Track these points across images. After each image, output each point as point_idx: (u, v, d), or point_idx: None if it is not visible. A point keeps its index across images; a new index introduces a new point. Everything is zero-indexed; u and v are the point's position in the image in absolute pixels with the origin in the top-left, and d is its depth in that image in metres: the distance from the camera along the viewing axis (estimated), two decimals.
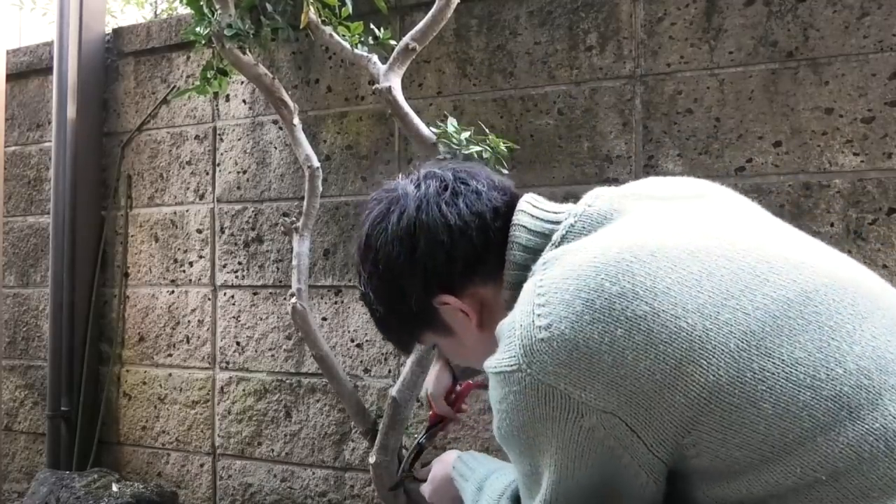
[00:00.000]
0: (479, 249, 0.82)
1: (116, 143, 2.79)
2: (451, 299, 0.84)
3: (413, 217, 0.83)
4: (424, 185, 0.86)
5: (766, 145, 1.85)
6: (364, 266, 0.89)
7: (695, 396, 0.63)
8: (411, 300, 0.85)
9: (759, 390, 0.63)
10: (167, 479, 2.62)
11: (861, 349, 0.64)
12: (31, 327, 2.94)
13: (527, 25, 2.11)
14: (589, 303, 0.66)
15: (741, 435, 0.63)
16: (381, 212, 0.87)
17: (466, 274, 0.83)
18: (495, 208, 0.83)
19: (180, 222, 2.64)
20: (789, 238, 0.77)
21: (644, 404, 0.64)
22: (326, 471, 2.34)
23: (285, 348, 2.42)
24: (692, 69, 1.92)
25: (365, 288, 0.90)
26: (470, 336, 0.87)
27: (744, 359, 0.63)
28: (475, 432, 2.12)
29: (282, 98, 2.04)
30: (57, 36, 2.73)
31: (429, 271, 0.82)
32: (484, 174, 0.87)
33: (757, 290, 0.67)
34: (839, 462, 0.61)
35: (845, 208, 1.76)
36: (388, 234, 0.84)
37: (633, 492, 0.68)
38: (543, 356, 0.66)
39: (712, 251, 0.69)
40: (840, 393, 0.63)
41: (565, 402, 0.65)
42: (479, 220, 0.82)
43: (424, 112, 2.18)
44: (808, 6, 1.82)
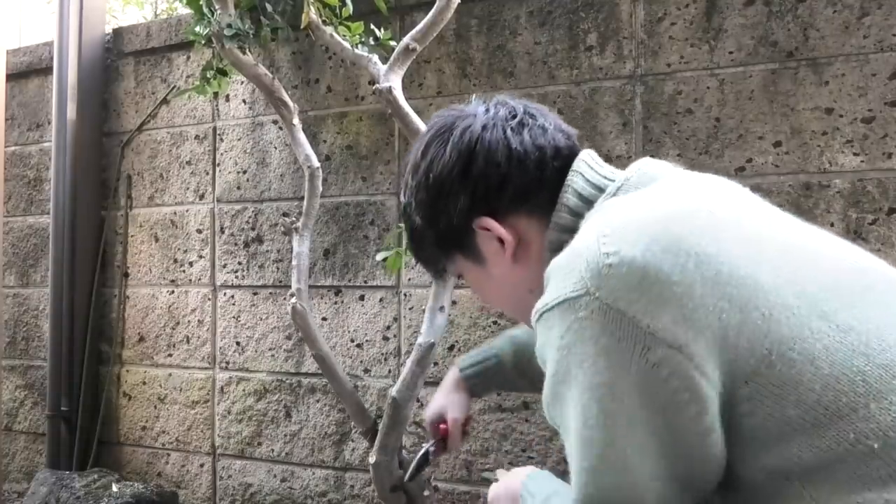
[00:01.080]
0: (533, 182, 0.82)
1: (116, 143, 2.79)
2: (492, 224, 0.82)
3: (477, 134, 0.82)
4: (494, 110, 0.85)
5: (766, 145, 1.85)
6: (414, 174, 0.87)
7: (758, 344, 0.62)
8: (453, 217, 0.83)
9: (817, 349, 0.62)
10: (167, 479, 2.62)
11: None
12: (31, 327, 2.94)
13: (527, 25, 2.11)
14: (658, 236, 0.65)
15: (797, 392, 0.62)
16: (446, 124, 0.86)
17: (514, 203, 0.82)
18: (557, 147, 0.83)
19: (180, 222, 2.64)
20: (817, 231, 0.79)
21: (709, 344, 0.62)
22: (326, 471, 2.34)
23: (285, 348, 2.42)
24: (692, 69, 1.92)
25: (409, 198, 0.88)
26: (500, 268, 0.85)
27: (802, 315, 0.63)
28: (475, 432, 2.12)
29: (282, 98, 2.04)
30: (57, 36, 2.73)
31: (479, 191, 0.82)
32: (552, 116, 0.87)
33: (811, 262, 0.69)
34: (891, 431, 0.60)
35: (845, 208, 1.76)
36: (448, 146, 0.83)
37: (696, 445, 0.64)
38: (613, 280, 0.64)
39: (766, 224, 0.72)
40: (892, 362, 0.63)
41: (633, 331, 0.62)
42: (539, 153, 0.82)
43: (424, 112, 2.18)
44: (808, 6, 1.82)
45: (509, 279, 0.85)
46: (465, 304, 2.14)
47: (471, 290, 0.94)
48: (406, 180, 0.89)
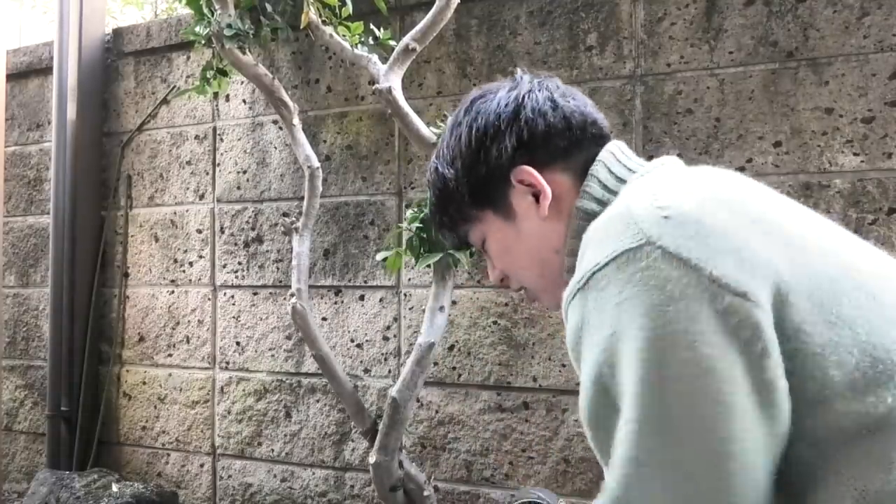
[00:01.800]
0: (574, 141, 0.84)
1: (116, 143, 2.79)
2: (532, 174, 0.83)
3: (524, 92, 0.85)
4: (539, 80, 0.88)
5: (766, 145, 1.85)
6: (454, 130, 0.88)
7: (804, 301, 0.62)
8: (493, 164, 0.84)
9: (854, 315, 0.63)
10: (167, 479, 2.62)
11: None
12: (31, 327, 2.94)
13: (527, 25, 2.11)
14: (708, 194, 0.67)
15: (838, 354, 0.61)
16: (491, 88, 0.88)
17: (555, 156, 0.84)
18: (595, 119, 0.86)
19: (180, 222, 2.64)
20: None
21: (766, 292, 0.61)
22: (326, 471, 2.34)
23: (285, 348, 2.42)
24: (692, 69, 1.92)
25: (445, 153, 0.89)
26: (530, 224, 0.85)
27: (840, 282, 0.64)
28: (475, 432, 2.12)
29: (282, 98, 2.04)
30: (57, 36, 2.73)
31: (525, 136, 0.83)
32: (590, 103, 0.89)
33: (843, 240, 0.71)
34: None
35: (845, 208, 1.76)
36: (495, 100, 0.85)
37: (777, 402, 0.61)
38: (672, 228, 0.63)
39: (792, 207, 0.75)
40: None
41: (698, 279, 0.61)
42: (581, 117, 0.85)
43: (424, 112, 2.18)
44: (808, 6, 1.82)
45: (537, 236, 0.85)
46: (465, 304, 2.14)
47: (493, 255, 0.91)
48: (443, 139, 0.91)
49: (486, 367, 2.11)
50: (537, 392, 2.05)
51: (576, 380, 2.10)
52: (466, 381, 2.14)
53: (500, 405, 2.10)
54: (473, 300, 2.13)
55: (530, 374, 2.06)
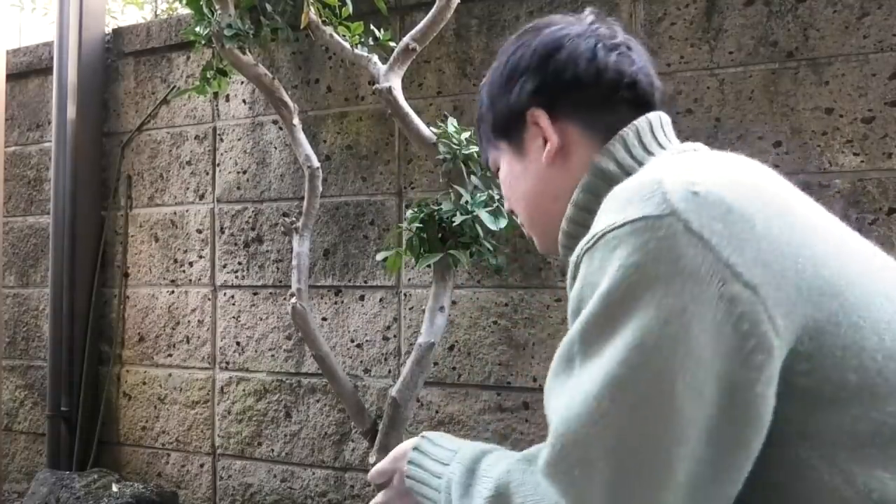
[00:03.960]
0: (599, 98, 0.83)
1: (116, 143, 2.79)
2: (543, 118, 0.84)
3: (571, 35, 0.85)
4: (598, 25, 0.88)
5: (766, 145, 1.85)
6: (500, 56, 0.92)
7: (827, 301, 0.61)
8: (514, 99, 0.86)
9: (881, 321, 0.61)
10: (167, 479, 2.62)
11: None
12: (31, 327, 2.94)
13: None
14: (740, 181, 0.65)
15: (859, 358, 0.60)
16: (553, 20, 0.90)
17: (574, 108, 0.83)
18: (635, 81, 0.84)
19: (180, 222, 2.64)
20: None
21: (784, 288, 0.59)
22: (326, 471, 2.34)
23: (285, 348, 2.42)
24: (692, 69, 1.92)
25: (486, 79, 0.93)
26: (535, 166, 0.86)
27: (867, 289, 0.63)
28: (475, 433, 2.12)
29: (282, 98, 2.04)
30: (57, 36, 2.73)
31: (549, 80, 0.84)
32: (647, 60, 0.88)
33: (862, 244, 0.69)
34: None
35: (845, 208, 1.76)
36: (539, 37, 0.88)
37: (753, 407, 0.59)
38: (700, 206, 0.60)
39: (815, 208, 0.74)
40: None
41: (713, 262, 0.58)
42: (617, 76, 0.83)
43: (424, 112, 2.18)
44: (808, 6, 1.82)
45: (539, 179, 0.86)
46: (465, 304, 2.14)
47: (502, 183, 0.94)
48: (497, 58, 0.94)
49: (486, 367, 2.11)
50: (537, 392, 2.05)
51: None
52: (466, 381, 2.14)
53: (500, 405, 2.10)
54: (473, 300, 2.13)
55: (530, 374, 2.06)
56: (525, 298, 2.06)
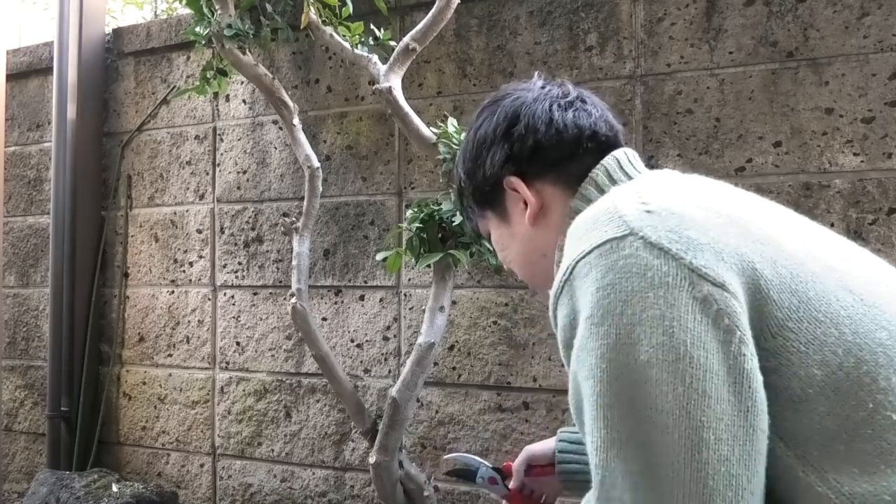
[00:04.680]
0: (565, 155, 0.88)
1: (116, 143, 2.79)
2: (519, 184, 0.89)
3: (526, 103, 0.90)
4: (549, 87, 0.92)
5: (766, 145, 1.85)
6: (467, 133, 0.97)
7: (787, 298, 0.63)
8: (488, 171, 0.91)
9: (841, 316, 0.63)
10: (167, 479, 2.62)
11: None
12: (31, 327, 2.94)
13: (527, 25, 2.11)
14: (689, 195, 0.69)
15: (822, 353, 0.62)
16: (503, 94, 0.95)
17: (543, 169, 0.88)
18: (595, 132, 0.88)
19: (180, 222, 2.64)
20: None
21: (744, 286, 0.62)
22: (326, 471, 2.34)
23: (285, 348, 2.42)
24: (692, 69, 1.92)
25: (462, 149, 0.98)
26: (521, 228, 0.91)
27: (829, 285, 0.64)
28: (475, 432, 2.12)
29: (282, 98, 2.04)
30: (57, 36, 2.73)
31: (515, 150, 0.89)
32: (604, 107, 0.93)
33: (830, 243, 0.71)
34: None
35: (845, 208, 1.76)
36: (499, 110, 0.92)
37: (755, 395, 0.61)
38: (653, 222, 0.65)
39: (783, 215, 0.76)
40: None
41: (678, 268, 0.62)
42: (577, 131, 0.88)
43: (424, 112, 2.18)
44: (808, 6, 1.82)
45: (527, 239, 0.91)
46: (465, 304, 2.14)
47: (496, 248, 1.00)
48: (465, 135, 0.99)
49: (486, 367, 2.11)
50: (537, 392, 2.05)
51: None
52: (466, 381, 2.14)
53: (500, 405, 2.10)
54: (473, 300, 2.13)
55: (530, 374, 2.06)
56: (525, 298, 2.06)
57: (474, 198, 0.96)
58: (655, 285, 0.62)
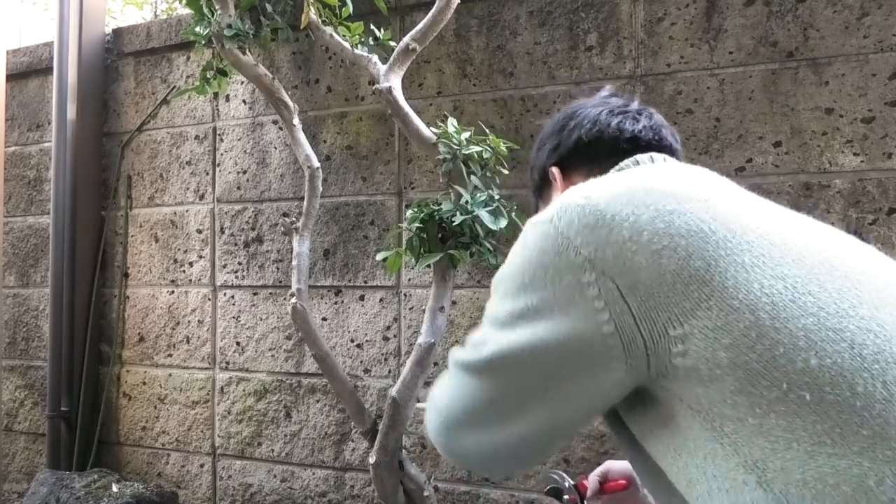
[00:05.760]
0: (602, 152, 0.95)
1: (116, 143, 2.79)
2: (556, 174, 0.98)
3: (586, 106, 1.00)
4: (613, 97, 1.02)
5: (766, 145, 1.85)
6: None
7: (695, 288, 0.67)
8: (539, 160, 1.03)
9: (762, 302, 0.65)
10: (167, 479, 2.62)
11: (884, 315, 0.65)
12: (31, 327, 2.94)
13: (527, 25, 2.11)
14: (628, 190, 0.74)
15: (731, 336, 0.65)
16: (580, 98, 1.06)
17: (580, 163, 0.97)
18: (636, 137, 0.95)
19: (180, 222, 2.64)
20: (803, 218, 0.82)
21: (645, 281, 0.68)
22: (326, 471, 2.34)
23: (285, 348, 2.42)
24: (692, 69, 1.92)
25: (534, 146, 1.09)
26: None
27: (755, 274, 0.67)
28: None
29: (282, 98, 2.04)
30: (57, 36, 2.73)
31: (560, 143, 0.99)
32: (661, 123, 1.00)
33: (785, 232, 0.72)
34: (826, 387, 0.61)
35: (845, 208, 1.76)
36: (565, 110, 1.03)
37: (594, 371, 0.71)
38: (573, 216, 0.73)
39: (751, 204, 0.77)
40: (845, 328, 0.64)
41: (574, 256, 0.71)
42: (617, 133, 0.95)
43: (424, 112, 2.18)
44: (808, 6, 1.82)
45: None
46: (465, 304, 2.14)
47: None
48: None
49: None
50: None
51: None
52: None
53: None
54: (473, 300, 2.13)
55: None
56: None
57: (532, 188, 1.07)
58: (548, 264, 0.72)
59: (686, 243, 0.68)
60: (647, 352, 0.68)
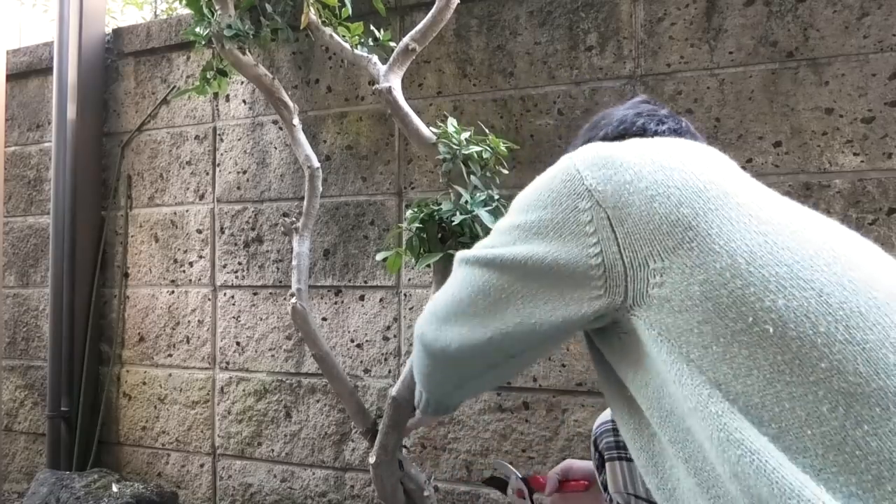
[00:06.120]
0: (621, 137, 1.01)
1: (116, 143, 2.79)
2: None
3: (619, 108, 1.08)
4: (646, 103, 1.08)
5: (766, 145, 1.85)
6: None
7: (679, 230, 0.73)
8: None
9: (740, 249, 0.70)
10: (167, 479, 2.62)
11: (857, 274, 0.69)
12: (31, 327, 2.94)
13: (527, 25, 2.11)
14: (643, 148, 0.81)
15: (706, 273, 0.70)
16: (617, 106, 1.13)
17: None
18: (657, 133, 1.03)
19: (180, 222, 2.64)
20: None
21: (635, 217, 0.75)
22: (326, 471, 2.34)
23: (285, 348, 2.42)
24: (692, 69, 1.92)
25: None
26: None
27: (739, 227, 0.72)
28: (475, 432, 2.12)
29: (282, 98, 2.04)
30: (57, 36, 2.73)
31: (590, 140, 1.05)
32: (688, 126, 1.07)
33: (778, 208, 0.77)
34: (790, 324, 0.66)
35: (845, 208, 1.76)
36: (600, 112, 1.11)
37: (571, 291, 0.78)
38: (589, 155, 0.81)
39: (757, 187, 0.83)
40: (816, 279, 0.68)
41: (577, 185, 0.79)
42: (641, 133, 1.02)
43: (424, 112, 2.19)
44: (808, 6, 1.82)
45: None
46: None
47: None
48: None
49: None
50: (537, 392, 2.05)
51: (576, 380, 2.11)
52: None
53: (500, 405, 2.10)
54: None
55: (530, 374, 2.06)
56: None
57: None
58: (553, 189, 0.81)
59: (679, 194, 0.75)
60: (626, 279, 0.75)
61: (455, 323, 0.90)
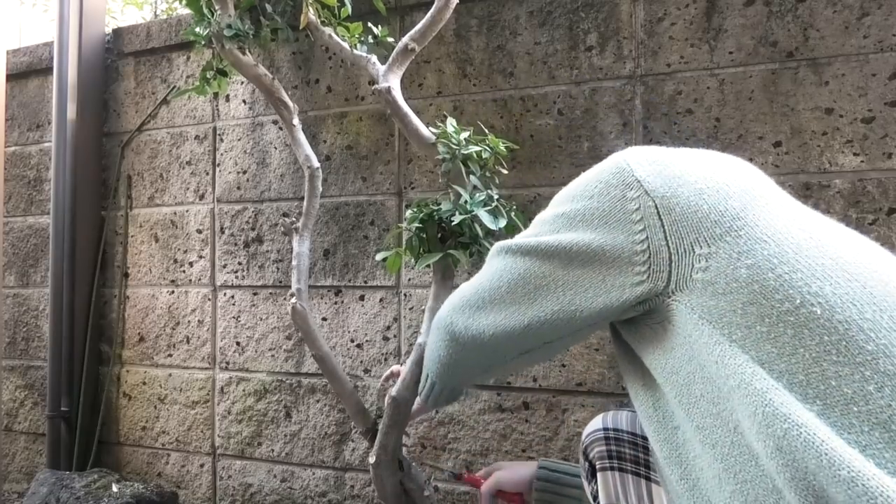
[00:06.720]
0: None
1: (116, 143, 2.79)
2: None
3: None
4: None
5: (766, 145, 1.85)
6: None
7: (728, 218, 0.75)
8: None
9: (789, 241, 0.73)
10: (167, 479, 2.62)
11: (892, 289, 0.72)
12: (31, 327, 2.94)
13: (527, 25, 2.11)
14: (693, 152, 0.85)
15: (754, 258, 0.72)
16: None
17: None
18: None
19: (180, 222, 2.64)
20: None
21: (683, 206, 0.77)
22: (326, 471, 2.34)
23: (285, 348, 2.42)
24: (692, 69, 1.92)
25: None
26: None
27: (784, 222, 0.75)
28: (475, 432, 2.12)
29: (282, 98, 2.04)
30: (57, 36, 2.73)
31: None
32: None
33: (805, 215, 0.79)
34: (837, 308, 0.68)
35: (845, 208, 1.76)
36: None
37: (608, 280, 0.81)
38: (640, 151, 0.85)
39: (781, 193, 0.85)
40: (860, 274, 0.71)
41: (627, 176, 0.81)
42: None
43: (424, 112, 2.19)
44: (808, 6, 1.81)
45: None
46: None
47: None
48: None
49: None
50: (537, 392, 2.05)
51: (576, 380, 2.11)
52: None
53: (500, 405, 2.10)
54: None
55: (530, 374, 2.06)
56: None
57: None
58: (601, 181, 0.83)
59: (728, 189, 0.78)
60: (671, 264, 0.77)
61: (491, 311, 0.92)
